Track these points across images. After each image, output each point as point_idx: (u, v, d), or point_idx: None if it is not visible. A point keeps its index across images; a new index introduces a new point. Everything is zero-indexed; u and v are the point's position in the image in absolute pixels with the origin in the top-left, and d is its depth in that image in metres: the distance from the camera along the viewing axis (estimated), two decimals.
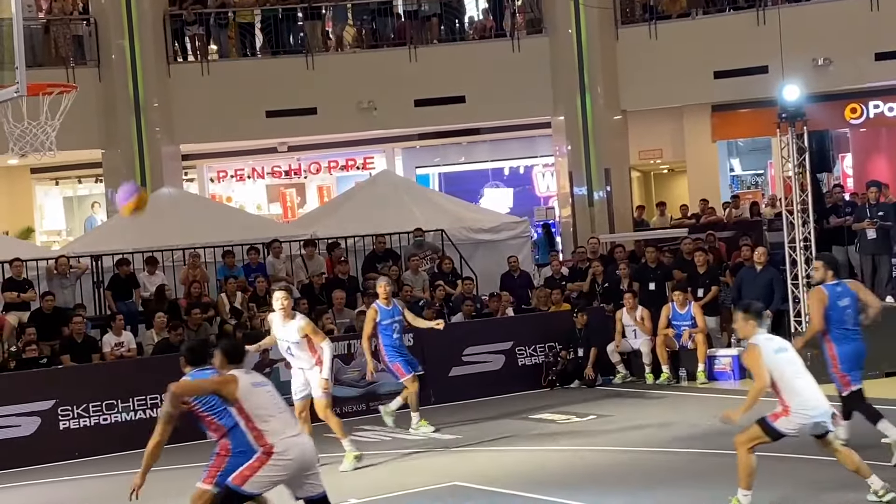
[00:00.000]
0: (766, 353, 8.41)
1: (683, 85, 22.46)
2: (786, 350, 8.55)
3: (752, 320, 8.59)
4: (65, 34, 22.39)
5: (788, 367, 8.43)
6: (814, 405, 8.36)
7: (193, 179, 25.94)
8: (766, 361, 8.36)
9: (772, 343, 8.53)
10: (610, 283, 17.77)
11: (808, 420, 8.37)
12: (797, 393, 8.36)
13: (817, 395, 8.43)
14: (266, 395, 7.64)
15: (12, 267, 16.31)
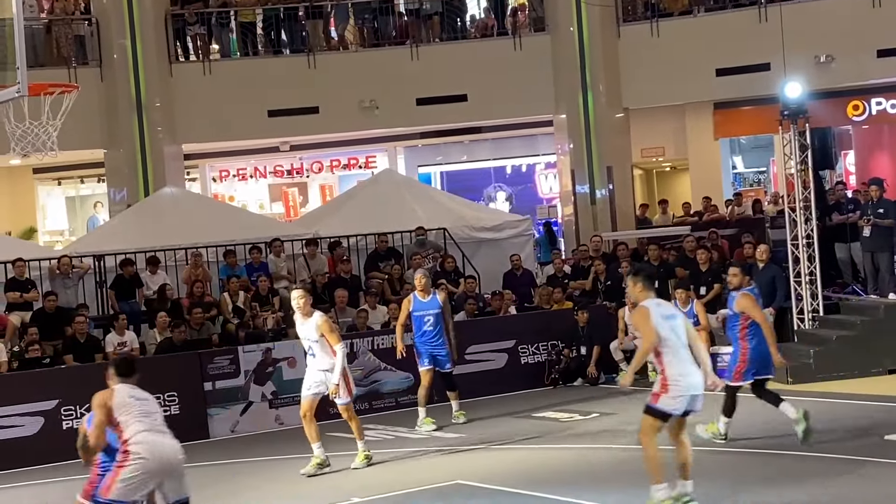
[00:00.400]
0: (654, 315, 8.50)
1: (685, 82, 22.44)
2: (674, 318, 8.62)
3: (641, 283, 8.68)
4: (66, 34, 22.39)
5: (673, 333, 8.49)
6: (689, 379, 8.44)
7: (196, 179, 25.94)
8: (653, 323, 8.45)
9: (661, 308, 8.61)
10: (612, 281, 17.76)
11: (685, 392, 8.43)
12: (678, 361, 8.44)
13: (695, 369, 8.51)
14: (139, 406, 7.78)
15: (15, 267, 16.31)
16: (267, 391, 14.68)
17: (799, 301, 16.28)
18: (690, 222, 21.52)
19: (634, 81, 22.73)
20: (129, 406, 7.76)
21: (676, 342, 8.50)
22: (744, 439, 11.55)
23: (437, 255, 18.81)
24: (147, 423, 7.75)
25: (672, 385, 8.41)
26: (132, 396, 7.86)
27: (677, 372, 8.42)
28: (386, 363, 15.41)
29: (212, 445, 13.95)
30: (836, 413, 12.75)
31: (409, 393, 15.42)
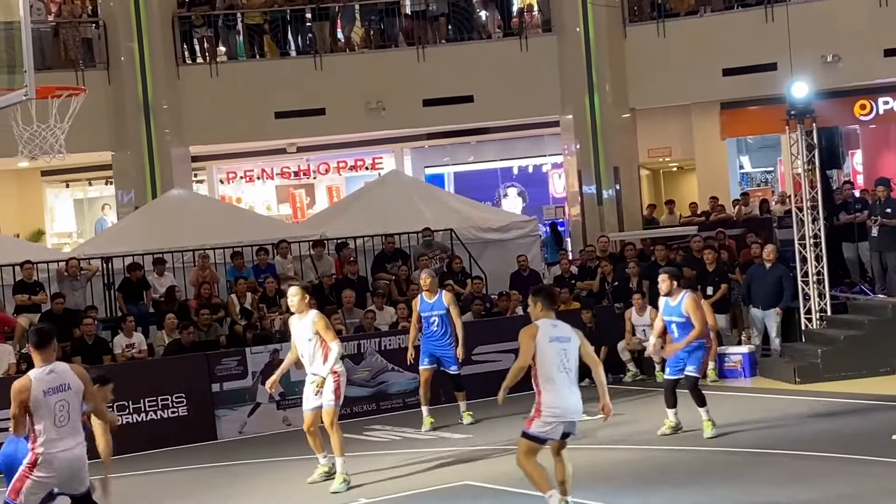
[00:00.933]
0: (542, 335, 8.35)
1: (692, 82, 22.42)
2: (567, 341, 8.42)
3: (540, 303, 8.55)
4: (74, 37, 22.44)
5: (556, 357, 8.33)
6: (564, 405, 8.32)
7: (203, 181, 25.99)
8: (537, 343, 8.31)
9: (554, 330, 8.43)
10: (619, 281, 17.75)
11: (558, 419, 8.34)
12: (553, 386, 8.30)
13: (570, 396, 8.36)
14: (54, 405, 7.61)
15: (23, 269, 16.36)
16: (274, 392, 14.68)
17: (806, 301, 16.26)
18: (697, 222, 21.50)
19: (641, 82, 22.72)
20: (46, 404, 7.58)
21: (556, 366, 8.30)
22: (751, 441, 11.54)
23: (444, 255, 18.83)
24: (63, 432, 7.61)
25: (544, 411, 8.30)
26: (48, 391, 7.60)
27: (551, 399, 8.29)
28: (393, 364, 15.42)
29: (220, 447, 13.98)
30: (843, 413, 12.75)
31: (416, 394, 15.37)
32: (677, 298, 12.02)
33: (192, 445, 13.92)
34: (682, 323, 11.98)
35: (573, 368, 8.41)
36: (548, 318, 8.50)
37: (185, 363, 14.73)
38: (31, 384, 7.59)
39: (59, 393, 7.63)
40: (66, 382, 7.70)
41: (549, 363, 8.32)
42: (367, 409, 15.19)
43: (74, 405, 7.71)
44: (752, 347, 16.15)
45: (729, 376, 15.83)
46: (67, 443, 7.62)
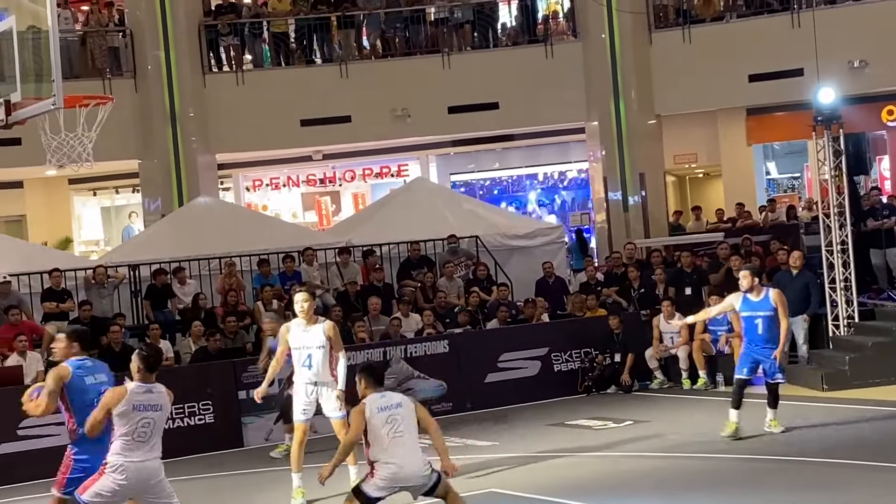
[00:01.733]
0: (369, 410, 8.25)
1: (718, 89, 22.35)
2: (392, 408, 8.28)
3: (365, 380, 8.44)
4: (101, 46, 22.60)
5: (386, 425, 8.21)
6: (399, 472, 8.16)
7: (229, 188, 26.09)
8: (365, 417, 8.22)
9: (381, 400, 8.32)
10: (646, 288, 17.70)
11: (392, 484, 8.21)
12: (386, 454, 8.17)
13: (406, 462, 8.19)
14: (136, 417, 7.77)
15: (51, 277, 16.46)
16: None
17: (834, 307, 16.17)
18: (724, 229, 21.42)
19: (666, 88, 22.68)
20: (131, 416, 7.75)
21: (385, 433, 8.19)
22: (778, 448, 11.47)
23: (469, 262, 18.84)
24: (139, 444, 7.77)
25: (377, 472, 8.20)
26: (138, 406, 7.78)
27: (382, 466, 8.18)
28: (419, 371, 15.43)
29: (247, 454, 14.01)
30: (871, 420, 12.66)
31: (442, 401, 15.46)
32: (761, 294, 12.04)
33: (219, 452, 13.96)
34: (768, 317, 11.96)
35: (405, 432, 8.26)
36: (374, 393, 8.41)
37: (212, 370, 14.78)
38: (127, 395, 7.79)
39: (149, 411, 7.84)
40: (159, 403, 7.92)
41: (379, 432, 8.22)
42: None
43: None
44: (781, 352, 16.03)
45: (756, 383, 15.64)
46: (141, 455, 7.79)
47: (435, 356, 15.62)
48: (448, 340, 15.87)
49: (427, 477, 8.29)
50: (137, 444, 7.76)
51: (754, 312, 12.02)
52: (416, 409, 8.46)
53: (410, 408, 8.40)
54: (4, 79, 9.54)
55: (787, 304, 12.26)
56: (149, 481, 7.84)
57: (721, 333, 15.86)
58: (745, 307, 12.13)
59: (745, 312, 12.17)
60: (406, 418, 8.31)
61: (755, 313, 12.02)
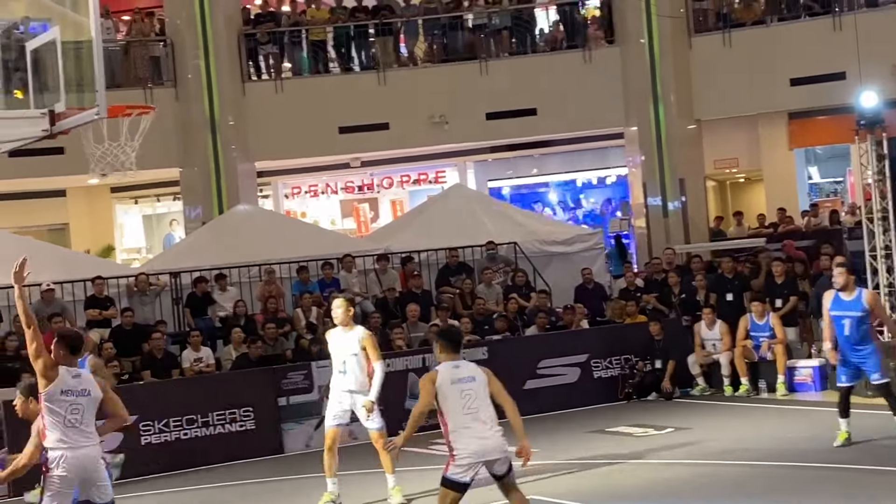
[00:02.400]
0: (441, 379, 8.03)
1: (759, 93, 22.20)
2: (465, 381, 8.03)
3: (440, 345, 8.25)
4: (142, 55, 22.80)
5: (461, 400, 7.99)
6: (476, 446, 7.90)
7: (269, 196, 26.23)
8: (436, 386, 8.02)
9: (456, 371, 8.08)
10: (686, 294, 17.60)
11: (473, 460, 7.93)
12: (461, 428, 7.95)
13: (486, 434, 7.92)
14: (64, 405, 7.70)
15: (94, 285, 16.62)
16: None
17: None
18: (765, 234, 21.27)
19: (706, 92, 22.56)
20: (58, 404, 7.68)
21: (460, 408, 7.98)
22: (822, 455, 11.36)
23: (507, 269, 18.81)
24: (74, 432, 7.70)
25: (457, 452, 7.96)
26: (66, 391, 7.71)
27: (462, 442, 7.95)
28: None
29: (287, 460, 14.06)
30: None
31: None
32: (853, 293, 11.58)
33: (260, 459, 14.01)
34: (858, 318, 11.47)
35: (479, 408, 8.01)
36: (449, 361, 8.21)
37: (253, 377, 14.84)
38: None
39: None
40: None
41: (452, 405, 8.02)
42: (431, 422, 15.07)
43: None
44: (822, 361, 15.87)
45: (799, 390, 15.61)
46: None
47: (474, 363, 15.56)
48: (487, 347, 15.85)
49: (505, 456, 7.98)
50: (67, 430, 7.69)
51: (844, 312, 11.50)
52: (490, 383, 8.13)
53: (483, 382, 8.10)
54: (49, 89, 9.64)
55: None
56: (91, 472, 7.76)
57: (763, 340, 15.72)
58: (836, 307, 11.58)
59: (834, 312, 11.59)
60: (479, 393, 8.04)
61: (845, 313, 11.50)
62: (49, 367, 7.61)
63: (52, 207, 25.72)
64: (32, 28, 11.50)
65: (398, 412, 14.94)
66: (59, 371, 7.64)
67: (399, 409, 14.96)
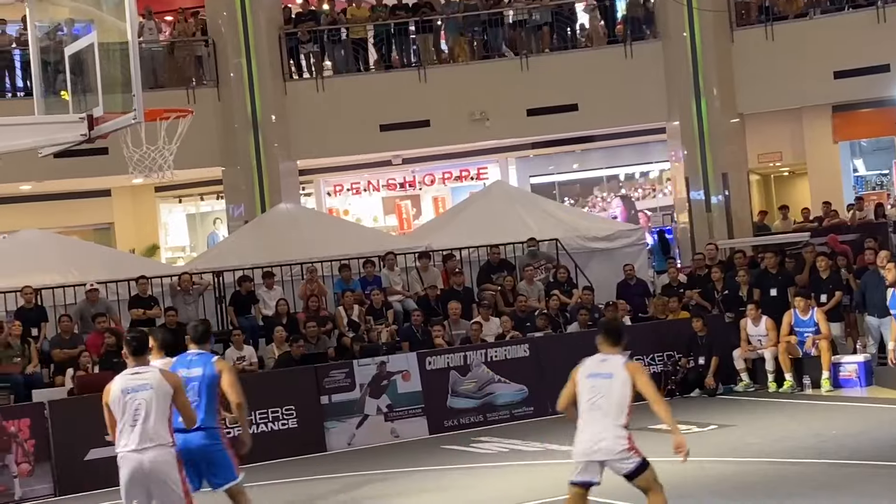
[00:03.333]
0: (582, 372, 7.96)
1: (802, 86, 22.00)
2: (601, 378, 7.86)
3: (601, 338, 8.12)
4: (185, 56, 22.97)
5: (586, 394, 7.86)
6: (581, 447, 7.84)
7: (311, 194, 26.35)
8: (577, 380, 7.96)
9: (593, 366, 7.98)
10: (729, 289, 17.46)
11: (577, 460, 7.88)
12: (581, 426, 7.86)
13: (590, 439, 7.80)
14: (127, 405, 7.79)
15: (138, 284, 16.75)
16: (382, 404, 14.80)
17: None
18: (810, 228, 21.06)
19: (749, 86, 22.37)
20: (120, 405, 7.80)
21: (585, 403, 7.86)
22: (867, 452, 11.24)
23: (549, 265, 18.76)
24: (136, 431, 7.76)
25: (573, 451, 7.93)
26: (126, 390, 7.79)
27: (577, 439, 7.88)
28: (500, 376, 15.41)
29: (330, 458, 14.11)
30: None
31: (523, 405, 15.42)
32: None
33: (302, 457, 14.08)
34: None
35: (606, 405, 7.84)
36: (599, 354, 8.10)
37: (295, 376, 14.91)
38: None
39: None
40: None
41: (581, 403, 7.94)
42: (474, 420, 15.19)
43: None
44: (867, 356, 15.73)
45: (844, 386, 15.45)
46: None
47: (515, 360, 15.58)
48: (528, 344, 15.83)
49: (625, 457, 7.83)
50: (130, 429, 7.79)
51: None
52: (635, 377, 7.84)
53: (622, 380, 7.80)
54: (90, 91, 9.70)
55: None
56: (149, 477, 7.79)
57: (807, 335, 15.58)
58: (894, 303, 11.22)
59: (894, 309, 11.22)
60: (611, 392, 7.81)
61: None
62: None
63: (98, 207, 25.99)
64: (76, 30, 11.62)
65: (441, 410, 15.04)
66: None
67: (442, 407, 15.04)
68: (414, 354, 15.22)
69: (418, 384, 14.99)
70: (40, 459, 13.05)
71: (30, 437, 13.07)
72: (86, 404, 13.66)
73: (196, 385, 8.73)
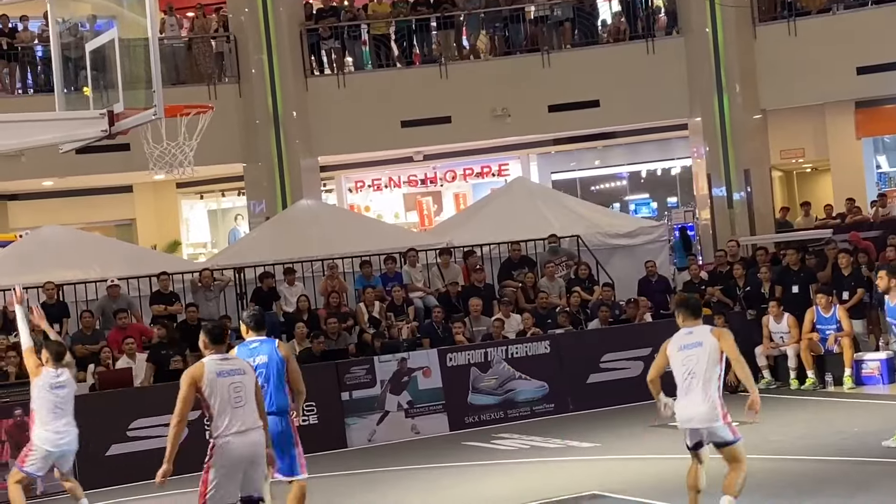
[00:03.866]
0: (672, 346, 8.39)
1: (825, 82, 21.86)
2: (691, 348, 8.30)
3: (681, 314, 8.54)
4: (206, 52, 23.01)
5: (680, 366, 8.30)
6: (680, 416, 8.32)
7: (332, 190, 26.37)
8: (668, 354, 8.39)
9: (682, 338, 8.39)
10: (751, 286, 17.38)
11: (683, 426, 8.37)
12: (679, 395, 8.28)
13: (688, 407, 8.27)
14: (227, 388, 7.78)
15: (160, 280, 16.80)
16: (403, 401, 14.81)
17: None
18: (833, 225, 20.94)
19: (772, 82, 22.25)
20: (219, 385, 7.78)
21: (681, 374, 8.33)
22: (889, 450, 11.16)
23: (570, 262, 18.72)
24: (238, 414, 7.78)
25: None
26: (221, 374, 7.82)
27: (677, 407, 8.36)
28: (520, 372, 15.39)
29: (350, 454, 14.13)
30: None
31: (543, 402, 15.41)
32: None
33: (323, 453, 14.08)
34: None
35: (698, 374, 8.26)
36: (685, 328, 8.49)
37: (316, 372, 14.88)
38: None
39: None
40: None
41: (676, 374, 8.34)
42: (494, 417, 15.18)
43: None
44: (890, 353, 15.60)
45: (867, 383, 15.36)
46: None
47: (536, 357, 15.56)
48: (549, 341, 15.80)
49: (720, 426, 8.29)
50: (232, 412, 7.81)
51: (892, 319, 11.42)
52: (721, 340, 8.29)
53: (712, 346, 8.24)
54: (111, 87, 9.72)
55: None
56: (252, 457, 7.87)
57: (829, 332, 15.50)
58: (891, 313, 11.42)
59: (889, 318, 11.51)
60: (702, 359, 8.24)
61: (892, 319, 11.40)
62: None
63: (119, 203, 26.10)
64: (97, 26, 11.65)
65: (462, 407, 15.04)
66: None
67: (463, 404, 15.03)
68: (435, 351, 15.23)
69: (439, 381, 14.99)
70: None
71: None
72: (107, 400, 13.77)
73: (264, 371, 8.76)
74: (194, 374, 7.85)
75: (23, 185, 23.23)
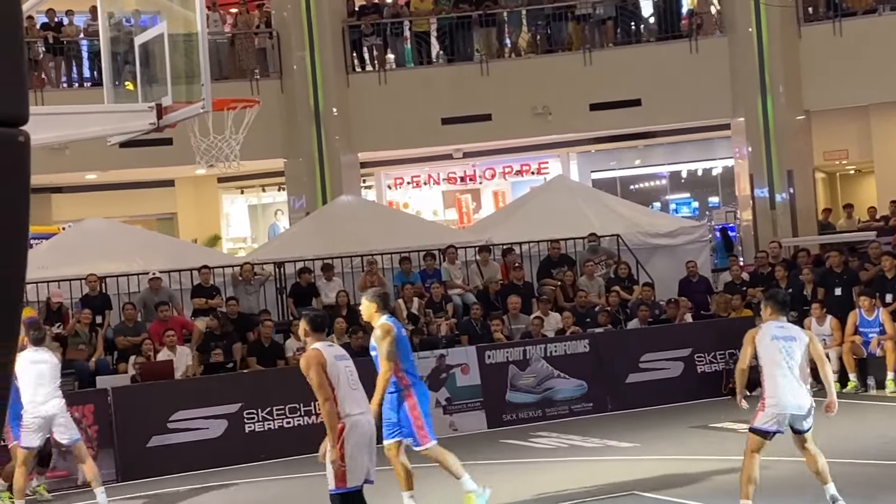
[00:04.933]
0: (763, 335, 8.80)
1: (870, 83, 21.67)
2: (786, 340, 8.75)
3: (768, 307, 8.99)
4: (248, 48, 23.12)
5: (775, 356, 8.70)
6: (777, 401, 8.66)
7: (371, 187, 26.43)
8: (757, 343, 8.83)
9: (775, 330, 8.80)
10: (793, 288, 17.24)
11: (776, 413, 8.67)
12: (775, 384, 8.67)
13: (787, 393, 8.66)
14: (344, 371, 8.00)
15: (201, 274, 16.92)
16: (441, 397, 14.79)
17: None
18: (876, 227, 20.74)
19: (816, 83, 22.08)
20: (337, 368, 7.99)
21: (777, 362, 8.72)
22: None
23: (610, 261, 18.66)
24: (355, 397, 8.05)
25: (766, 404, 8.74)
26: (338, 357, 8.09)
27: (772, 394, 8.71)
28: (559, 371, 15.35)
29: None
30: None
31: (582, 401, 15.35)
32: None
33: None
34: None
35: (792, 366, 8.70)
36: (774, 321, 8.92)
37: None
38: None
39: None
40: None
41: (774, 361, 8.72)
42: (532, 415, 15.14)
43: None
44: None
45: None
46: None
47: (575, 356, 15.51)
48: (588, 340, 15.75)
49: (809, 415, 8.72)
50: (352, 394, 8.04)
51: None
52: (811, 346, 8.85)
53: (805, 343, 8.80)
54: (157, 81, 9.80)
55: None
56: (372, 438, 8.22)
57: (872, 335, 15.35)
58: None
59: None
60: (797, 352, 8.73)
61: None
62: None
63: (161, 197, 26.29)
64: (143, 21, 11.74)
65: (500, 404, 15.01)
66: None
67: (501, 401, 15.01)
68: (473, 348, 15.21)
69: (477, 378, 14.97)
70: (103, 445, 13.19)
71: (93, 423, 13.22)
72: (148, 391, 13.86)
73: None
74: (319, 359, 7.99)
75: (66, 179, 23.44)
